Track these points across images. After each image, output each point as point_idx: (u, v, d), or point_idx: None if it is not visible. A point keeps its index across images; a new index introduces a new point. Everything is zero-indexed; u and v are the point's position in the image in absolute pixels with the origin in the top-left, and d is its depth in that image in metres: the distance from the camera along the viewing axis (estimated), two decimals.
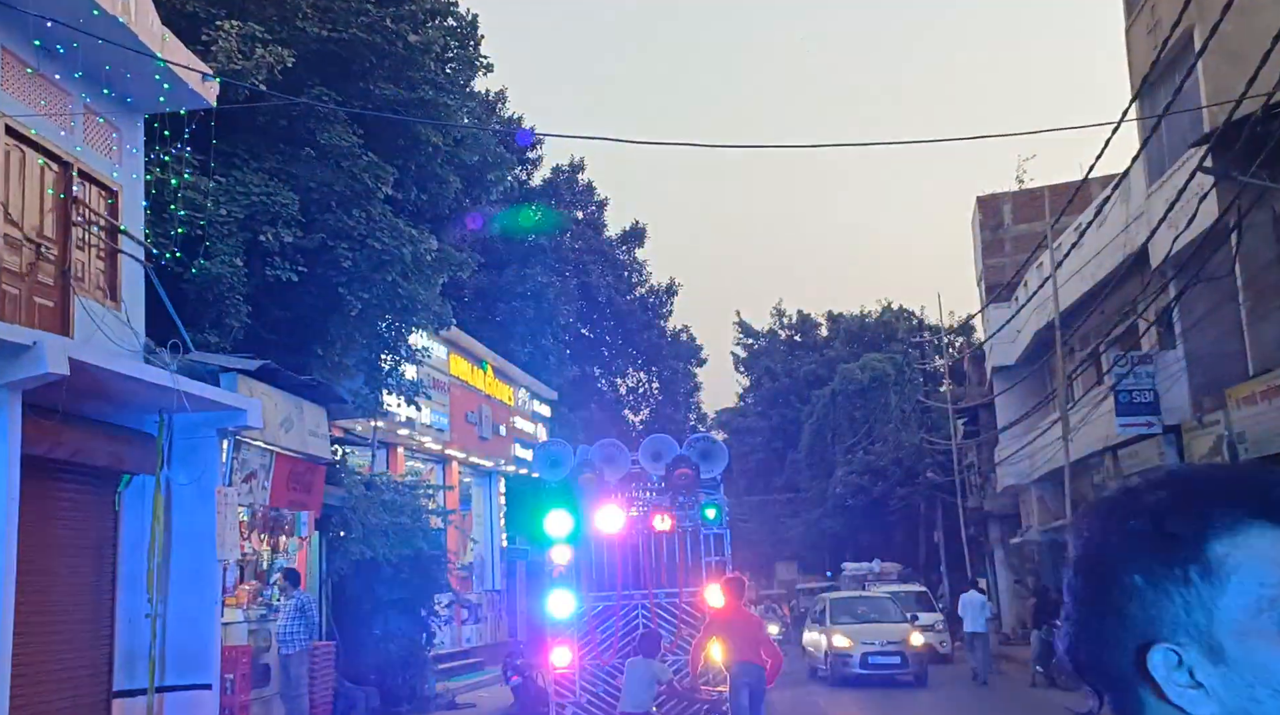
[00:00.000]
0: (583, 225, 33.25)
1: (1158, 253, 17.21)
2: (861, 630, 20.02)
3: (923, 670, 19.64)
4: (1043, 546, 28.12)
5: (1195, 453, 16.58)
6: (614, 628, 12.12)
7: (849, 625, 20.37)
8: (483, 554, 24.96)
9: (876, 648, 19.52)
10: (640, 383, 37.84)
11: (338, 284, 14.11)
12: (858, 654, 19.38)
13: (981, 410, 33.35)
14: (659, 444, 13.06)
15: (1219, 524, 1.00)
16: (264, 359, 11.92)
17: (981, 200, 31.37)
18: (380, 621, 15.84)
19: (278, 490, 11.57)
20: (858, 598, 23.49)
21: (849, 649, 19.62)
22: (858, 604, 22.16)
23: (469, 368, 23.02)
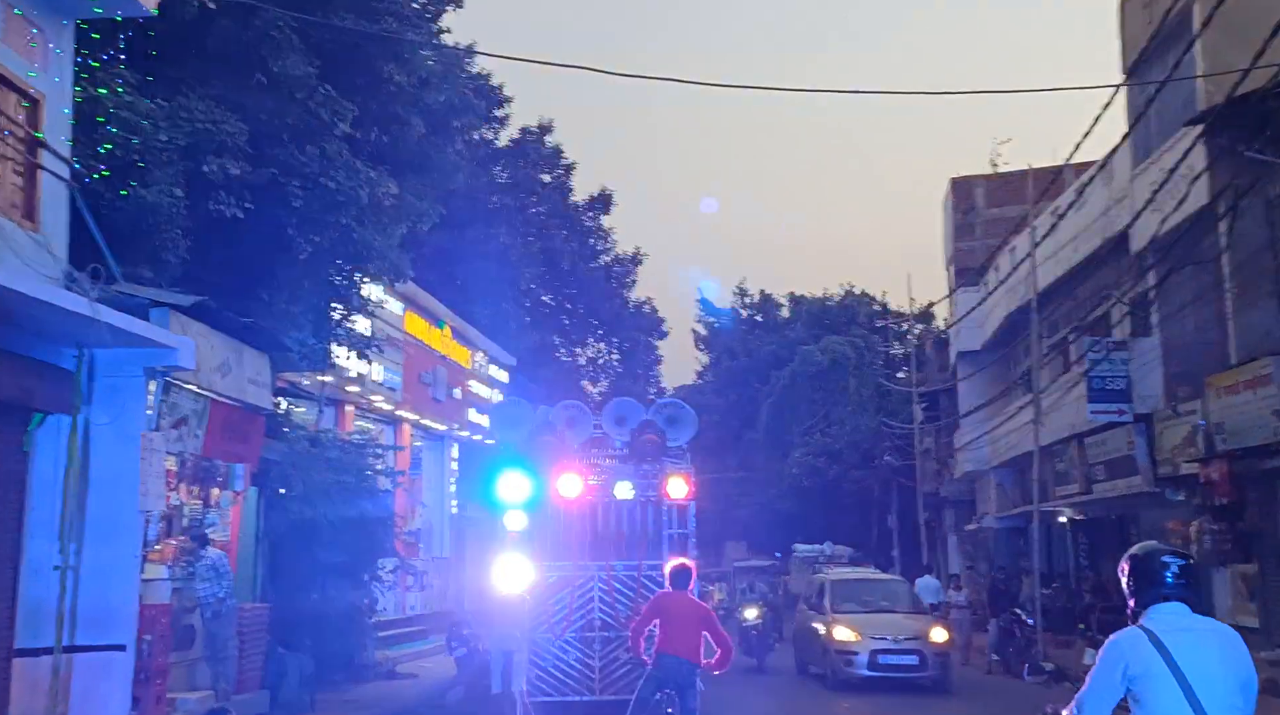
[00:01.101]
0: (549, 188, 32.35)
1: (1140, 238, 16.79)
2: (871, 622, 15.97)
3: (945, 672, 15.63)
4: (998, 533, 27.92)
5: (1167, 442, 16.23)
6: (568, 600, 11.46)
7: (854, 615, 16.33)
8: (432, 520, 24.17)
9: (889, 645, 15.49)
10: (600, 353, 37.12)
11: (287, 224, 13.18)
12: (865, 652, 15.40)
13: (942, 395, 33.08)
14: (624, 407, 12.38)
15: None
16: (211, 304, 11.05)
17: (955, 182, 30.94)
18: (319, 585, 15.02)
19: (211, 439, 10.71)
20: (864, 580, 19.29)
21: (854, 645, 15.60)
22: (864, 588, 18.04)
23: (426, 326, 22.13)
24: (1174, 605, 3.72)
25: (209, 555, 11.14)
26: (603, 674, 11.27)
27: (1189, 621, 3.68)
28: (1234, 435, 13.77)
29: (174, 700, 10.04)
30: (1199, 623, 3.70)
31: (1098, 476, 19.02)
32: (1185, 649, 3.59)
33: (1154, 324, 17.00)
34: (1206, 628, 3.71)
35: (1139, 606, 3.79)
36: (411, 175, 17.15)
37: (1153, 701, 3.59)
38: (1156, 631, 3.64)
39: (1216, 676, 3.58)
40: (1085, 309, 19.99)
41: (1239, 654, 3.69)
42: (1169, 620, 3.67)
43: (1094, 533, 21.73)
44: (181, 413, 10.16)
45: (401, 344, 20.58)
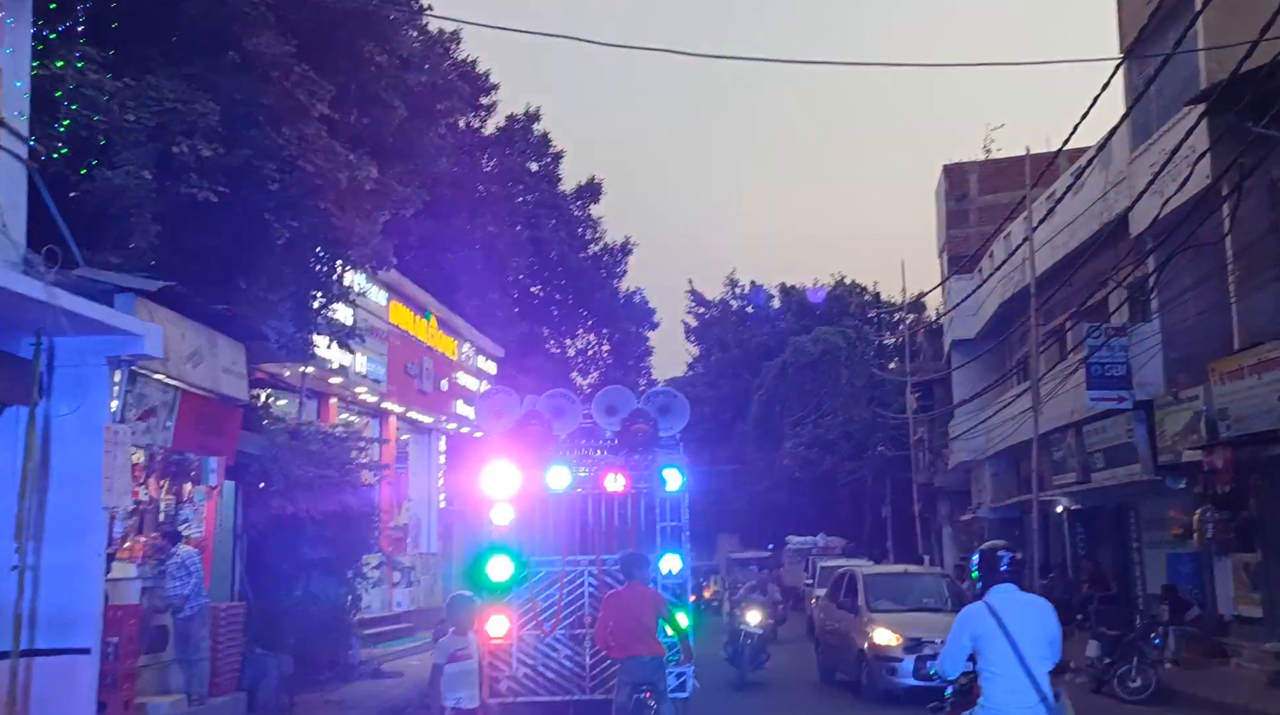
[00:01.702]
0: (537, 177, 31.87)
1: (1139, 221, 16.42)
2: (915, 623, 13.70)
3: None
4: (993, 524, 27.61)
5: (1168, 429, 15.89)
6: (557, 596, 11.04)
7: (894, 614, 14.20)
8: (419, 514, 23.74)
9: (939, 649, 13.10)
10: (590, 345, 36.67)
11: (263, 209, 12.69)
12: (911, 658, 13.15)
13: (936, 385, 32.75)
14: (614, 396, 11.97)
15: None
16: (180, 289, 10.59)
17: (948, 169, 30.57)
18: (301, 583, 14.59)
19: (183, 431, 10.26)
20: (901, 574, 16.64)
21: (897, 650, 13.39)
22: (902, 583, 15.68)
23: (411, 316, 21.67)
24: (1007, 585, 5.34)
25: (180, 552, 10.69)
26: (594, 672, 10.85)
27: (1016, 596, 5.31)
28: (1238, 421, 13.43)
29: (144, 705, 9.61)
30: (1022, 597, 5.33)
31: (1096, 465, 18.69)
32: (1012, 615, 5.19)
33: (1154, 309, 16.63)
34: (1026, 601, 5.34)
35: (984, 586, 5.42)
36: (394, 160, 16.70)
37: (989, 652, 5.20)
38: (993, 604, 5.25)
39: (1032, 634, 5.18)
40: (1082, 296, 19.63)
41: (1049, 619, 5.30)
42: (1003, 596, 5.28)
43: (1091, 522, 21.41)
44: (149, 403, 9.71)
45: (386, 334, 20.13)
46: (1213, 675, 14.29)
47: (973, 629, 5.28)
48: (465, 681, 7.57)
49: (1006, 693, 5.15)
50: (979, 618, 5.27)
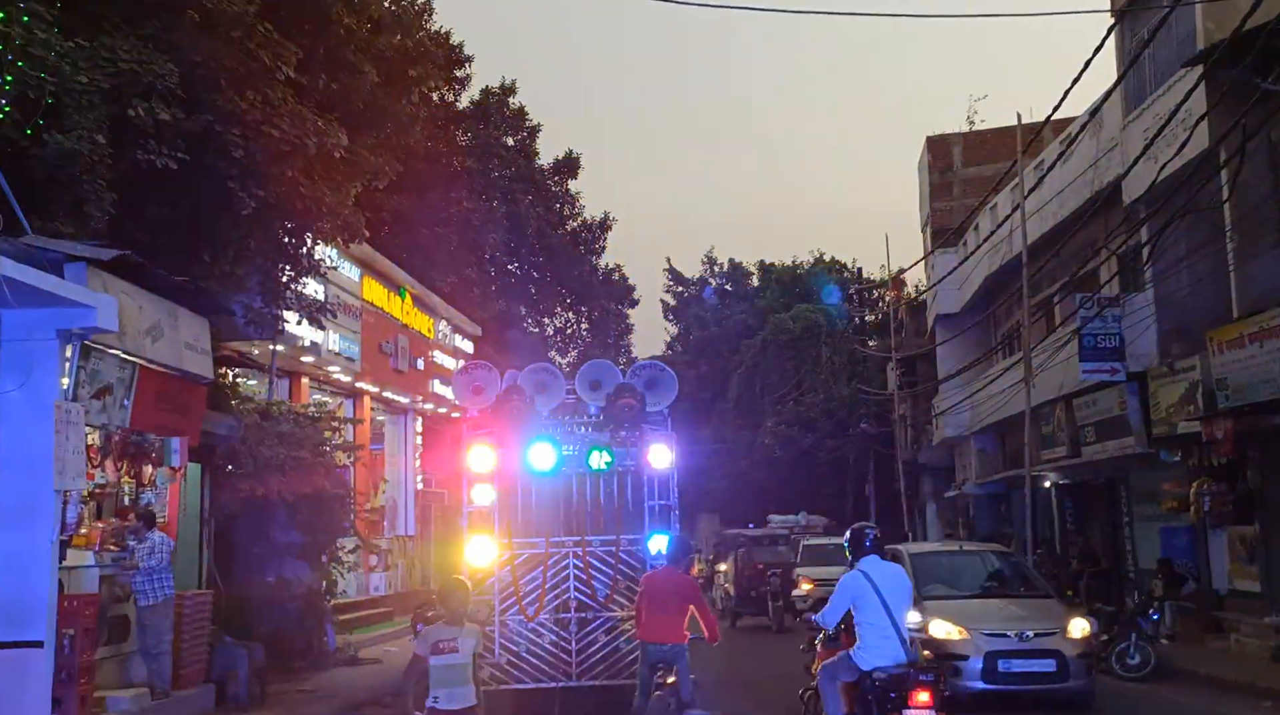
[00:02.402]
0: (513, 152, 31.17)
1: (1133, 188, 16.03)
2: (980, 613, 11.45)
3: (1088, 680, 11.03)
4: (979, 500, 27.38)
5: (1163, 401, 15.57)
6: (541, 579, 10.56)
7: (952, 602, 11.77)
8: (395, 496, 23.20)
9: (1012, 644, 10.89)
10: (569, 323, 36.06)
11: (227, 177, 12.09)
12: (978, 655, 10.74)
13: (919, 361, 32.44)
14: (598, 371, 11.46)
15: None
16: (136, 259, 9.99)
17: (931, 141, 30.14)
18: (273, 568, 14.06)
19: (142, 410, 9.66)
20: (957, 554, 14.08)
21: (961, 646, 10.89)
22: (957, 563, 13.19)
23: (385, 293, 21.05)
24: (872, 557, 7.23)
25: (153, 538, 10.11)
26: (580, 658, 10.40)
27: (881, 565, 7.21)
28: (1237, 391, 13.10)
29: (103, 699, 9.06)
30: (886, 565, 7.26)
31: (1086, 439, 18.39)
32: (881, 579, 7.07)
33: (1147, 279, 16.28)
34: (891, 568, 7.28)
35: (854, 558, 7.28)
36: (365, 129, 16.05)
37: (865, 607, 7.05)
38: (866, 571, 7.12)
39: (895, 594, 7.07)
40: (1071, 267, 19.28)
41: (907, 582, 7.36)
42: (871, 565, 7.17)
43: (1081, 497, 21.16)
44: (105, 381, 9.11)
45: (359, 312, 19.52)
46: (1211, 651, 14.03)
47: (852, 592, 7.16)
48: (449, 678, 6.48)
49: (877, 638, 7.04)
50: (857, 582, 7.15)
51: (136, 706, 9.26)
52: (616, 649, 10.46)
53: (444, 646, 6.54)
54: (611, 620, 10.54)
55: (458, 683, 6.52)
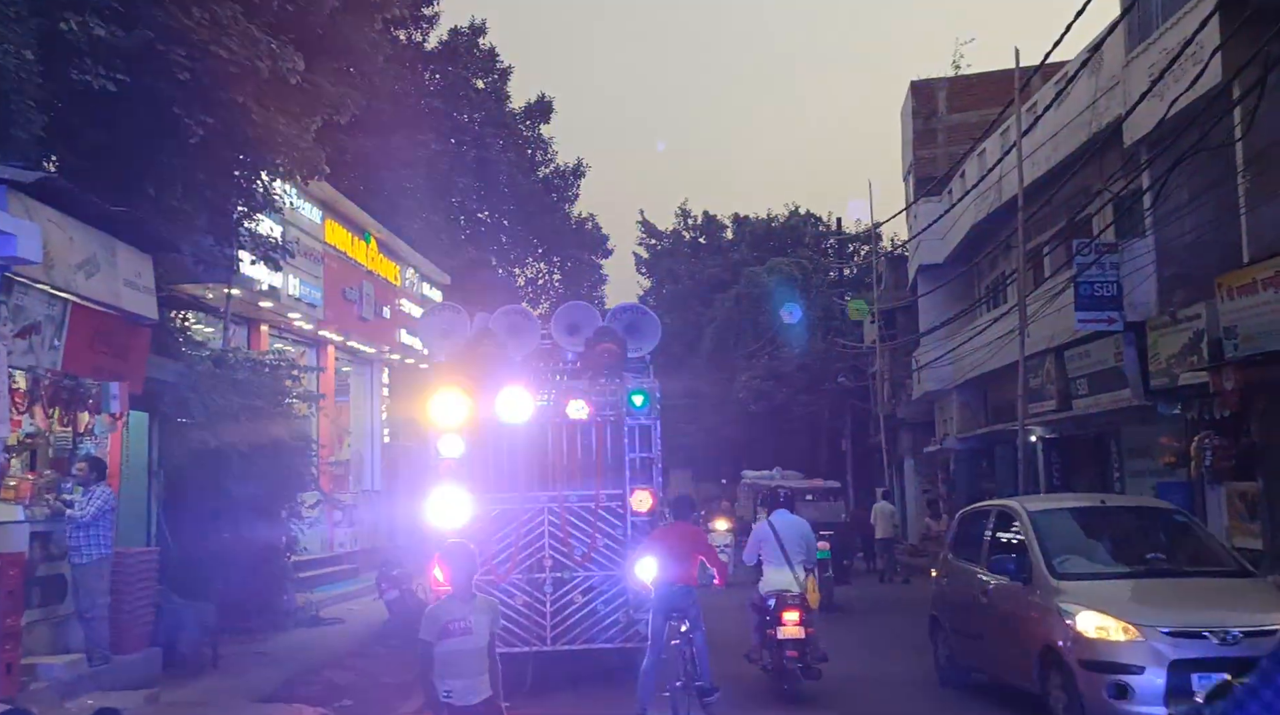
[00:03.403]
0: (483, 95, 30.00)
1: (1135, 129, 15.30)
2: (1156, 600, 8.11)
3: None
4: (960, 455, 26.93)
5: (1162, 352, 14.99)
6: (513, 537, 9.83)
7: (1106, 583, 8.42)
8: (361, 450, 22.37)
9: (1215, 650, 7.39)
10: (540, 273, 35.10)
11: (171, 101, 11.08)
12: (1160, 667, 7.36)
13: (899, 314, 31.85)
14: (576, 313, 10.70)
15: None
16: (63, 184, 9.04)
17: (915, 86, 29.28)
18: (229, 523, 13.21)
19: (75, 352, 8.78)
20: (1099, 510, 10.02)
21: (1129, 650, 7.53)
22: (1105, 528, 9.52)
23: (349, 237, 20.05)
24: (782, 510, 10.11)
25: (99, 491, 9.24)
26: (555, 621, 9.72)
27: (786, 516, 10.06)
28: (1249, 340, 12.49)
29: (33, 666, 8.25)
30: (791, 517, 10.11)
31: (1078, 391, 17.83)
32: (782, 528, 9.87)
33: (1148, 225, 15.62)
34: (793, 520, 10.10)
35: (769, 511, 10.26)
36: (323, 56, 14.95)
37: (768, 551, 9.81)
38: (772, 522, 9.94)
39: (792, 539, 9.84)
40: (1064, 214, 18.61)
41: (806, 530, 10.17)
42: (780, 517, 10.03)
43: (1068, 452, 20.67)
44: (31, 318, 8.21)
45: (321, 256, 18.54)
46: None
47: (760, 537, 10.07)
48: (462, 666, 5.23)
49: (773, 572, 9.77)
50: (764, 530, 10.09)
51: (71, 674, 8.47)
52: (594, 611, 9.80)
53: (455, 627, 5.24)
54: (589, 580, 9.86)
55: (472, 672, 5.25)
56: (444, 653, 5.23)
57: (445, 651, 5.23)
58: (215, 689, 9.46)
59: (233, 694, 9.20)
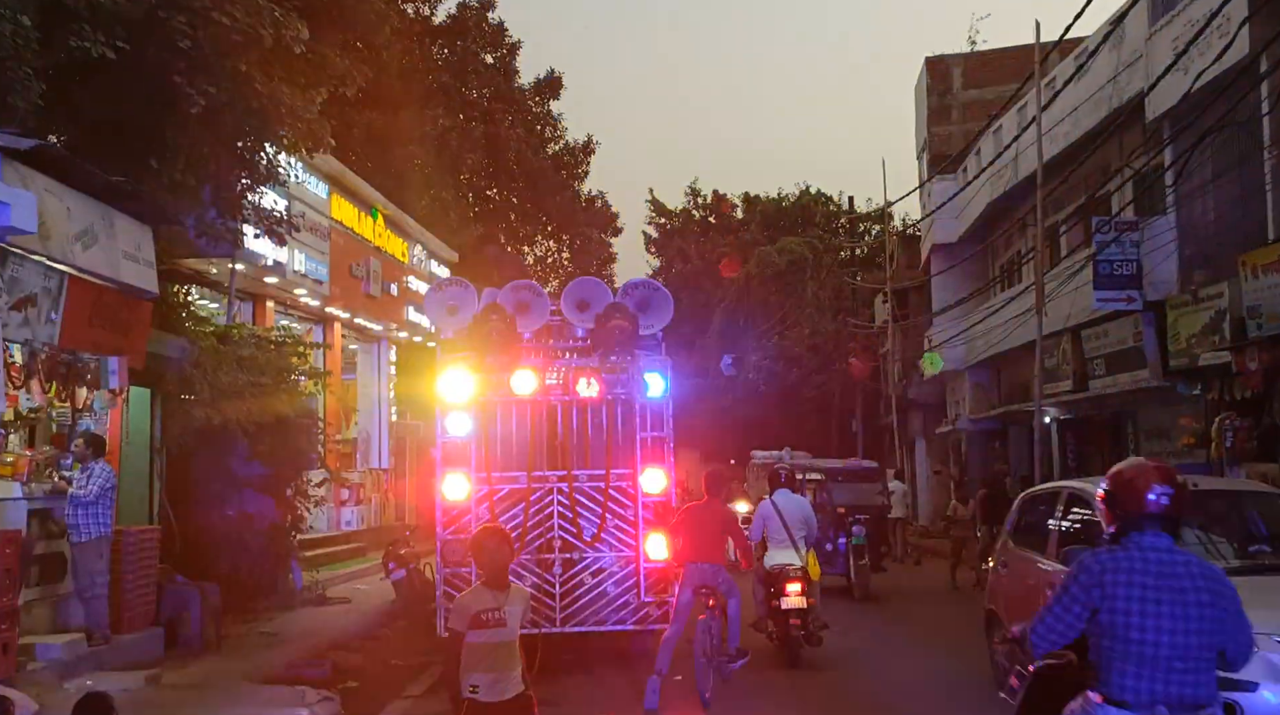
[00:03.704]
0: (491, 70, 29.66)
1: (1157, 104, 14.96)
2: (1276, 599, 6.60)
3: None
4: (971, 436, 26.68)
5: (1182, 331, 14.69)
6: (522, 517, 9.62)
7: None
8: (369, 428, 22.21)
9: None
10: (550, 252, 34.81)
11: (173, 70, 10.81)
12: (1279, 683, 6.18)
13: (911, 294, 31.52)
14: (586, 289, 10.42)
15: None
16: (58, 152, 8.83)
17: (930, 62, 28.84)
18: (234, 502, 13.05)
19: (73, 325, 8.59)
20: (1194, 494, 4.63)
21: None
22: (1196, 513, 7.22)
23: (355, 213, 19.82)
24: (783, 490, 10.75)
25: (99, 469, 9.06)
26: (565, 603, 9.52)
27: (788, 495, 10.69)
28: (1274, 319, 12.21)
29: (31, 646, 8.10)
30: (792, 496, 10.79)
31: (1095, 372, 17.55)
32: (784, 506, 10.50)
33: (1169, 202, 15.28)
34: (794, 498, 10.80)
35: (772, 490, 10.85)
36: (329, 27, 14.70)
37: (772, 528, 10.41)
38: (775, 501, 10.56)
39: (793, 517, 10.45)
40: (1082, 192, 18.28)
41: (806, 509, 10.80)
42: (781, 496, 10.63)
43: (1083, 433, 20.41)
44: (26, 290, 8.01)
45: (327, 231, 18.31)
46: None
47: (764, 515, 10.53)
48: (494, 660, 4.86)
49: (777, 547, 10.35)
50: (767, 508, 10.56)
51: (70, 654, 8.32)
52: (604, 593, 9.60)
53: (487, 618, 4.85)
54: (599, 561, 9.66)
55: (505, 665, 4.87)
56: (473, 645, 4.85)
57: (475, 644, 4.85)
58: (217, 669, 9.30)
59: (235, 675, 9.04)
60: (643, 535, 9.67)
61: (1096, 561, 3.78)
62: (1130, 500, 3.79)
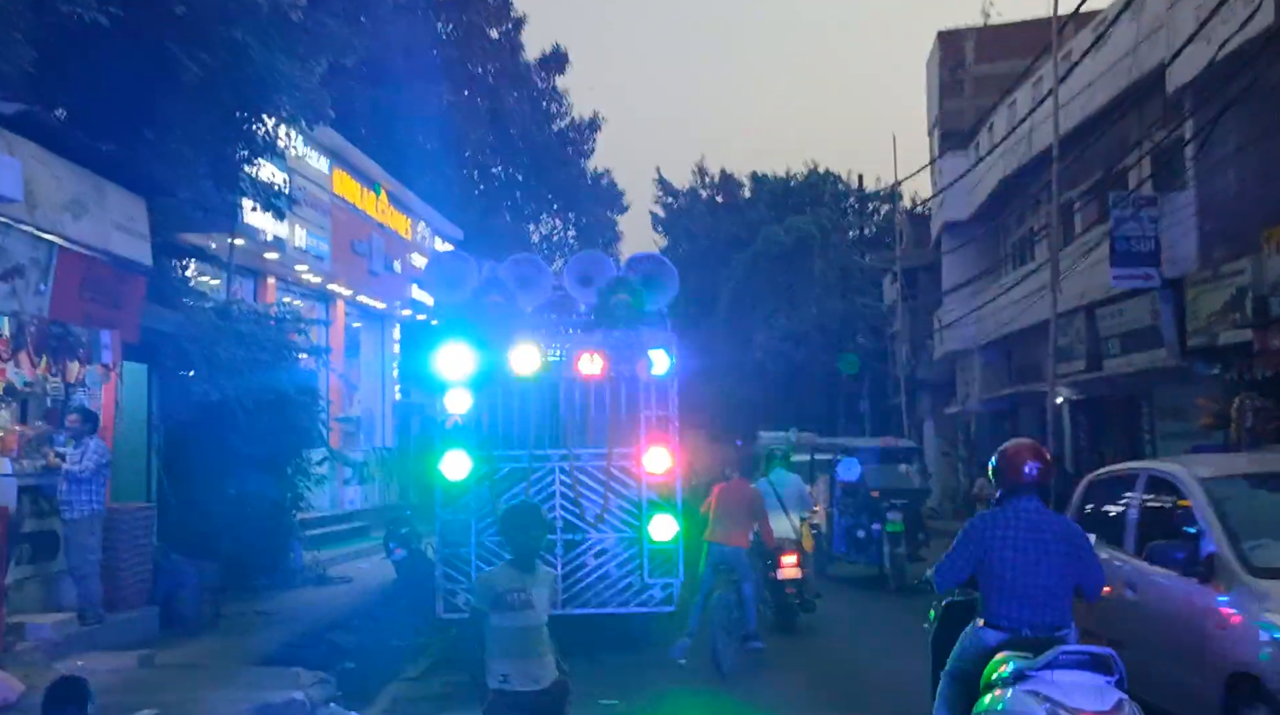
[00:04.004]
0: (497, 45, 29.28)
1: (1179, 74, 14.57)
2: None
3: None
4: (981, 416, 26.40)
5: (1202, 309, 14.36)
6: (522, 495, 9.39)
7: None
8: (372, 406, 22.00)
9: None
10: (555, 230, 34.51)
11: (167, 38, 10.56)
12: None
13: (921, 273, 31.16)
14: (590, 263, 10.19)
15: None
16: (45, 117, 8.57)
17: (943, 36, 28.39)
18: (234, 480, 12.84)
19: (63, 297, 8.34)
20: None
21: None
22: None
23: (358, 189, 19.54)
24: (779, 470, 11.58)
25: (93, 445, 8.85)
26: (567, 585, 9.30)
27: (783, 475, 11.60)
28: None
29: (22, 625, 7.91)
30: (787, 475, 11.67)
31: (1110, 351, 17.23)
32: (780, 485, 11.36)
33: (1189, 177, 14.92)
34: (789, 477, 11.70)
35: (763, 475, 11.57)
36: None
37: (769, 504, 10.56)
38: (771, 480, 11.32)
39: (788, 495, 11.37)
40: (1097, 168, 17.90)
41: (800, 486, 11.92)
42: (776, 475, 11.50)
43: (1096, 413, 20.11)
44: (14, 260, 7.77)
45: (329, 207, 18.04)
46: None
47: (762, 492, 10.63)
48: (522, 646, 4.51)
49: (773, 522, 10.43)
50: (766, 488, 11.00)
51: (60, 633, 8.13)
52: (607, 575, 9.40)
53: (513, 600, 4.47)
54: (601, 542, 9.44)
55: (534, 653, 4.52)
56: (499, 628, 4.46)
57: (500, 627, 4.46)
58: (213, 649, 9.12)
59: (231, 655, 8.85)
60: (646, 516, 9.44)
61: (982, 520, 5.02)
62: (1011, 472, 5.00)
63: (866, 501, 14.90)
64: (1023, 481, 4.94)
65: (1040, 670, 4.44)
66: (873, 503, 14.78)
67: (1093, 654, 4.47)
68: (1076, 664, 4.44)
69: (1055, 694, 4.35)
